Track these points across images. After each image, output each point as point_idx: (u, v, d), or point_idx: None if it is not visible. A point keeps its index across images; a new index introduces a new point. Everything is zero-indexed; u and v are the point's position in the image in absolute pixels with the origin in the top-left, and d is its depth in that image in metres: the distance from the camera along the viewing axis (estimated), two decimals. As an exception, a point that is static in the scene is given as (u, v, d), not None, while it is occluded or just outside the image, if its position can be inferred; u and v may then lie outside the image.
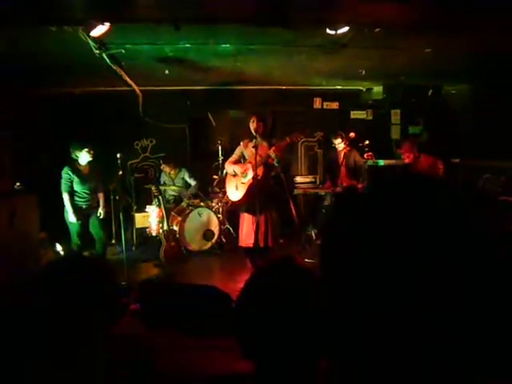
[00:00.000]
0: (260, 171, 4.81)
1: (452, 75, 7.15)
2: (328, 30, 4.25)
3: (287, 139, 4.82)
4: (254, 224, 4.74)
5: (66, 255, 5.60)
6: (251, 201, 4.80)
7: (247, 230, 4.92)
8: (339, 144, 7.09)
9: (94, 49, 4.76)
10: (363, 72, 6.65)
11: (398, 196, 0.57)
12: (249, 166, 4.92)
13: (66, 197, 5.59)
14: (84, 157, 5.64)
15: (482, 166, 7.13)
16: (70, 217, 5.57)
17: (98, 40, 4.54)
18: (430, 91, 8.08)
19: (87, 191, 5.76)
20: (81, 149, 5.61)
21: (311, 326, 1.00)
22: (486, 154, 6.80)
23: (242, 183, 5.01)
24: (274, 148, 4.73)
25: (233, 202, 5.59)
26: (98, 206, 5.95)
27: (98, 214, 5.92)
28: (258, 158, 4.72)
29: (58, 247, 6.48)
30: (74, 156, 5.65)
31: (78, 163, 5.68)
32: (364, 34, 4.44)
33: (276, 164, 4.80)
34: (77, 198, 5.69)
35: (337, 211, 0.63)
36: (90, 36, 4.22)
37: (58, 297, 1.31)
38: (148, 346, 3.39)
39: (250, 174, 4.88)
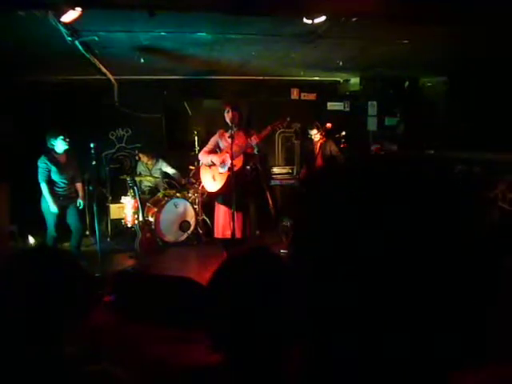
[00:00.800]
0: (238, 161, 4.76)
1: (428, 67, 7.22)
2: (305, 20, 4.22)
3: (269, 128, 4.79)
4: (232, 214, 4.70)
5: (31, 247, 5.48)
6: (229, 191, 4.76)
7: (224, 222, 4.88)
8: (315, 135, 7.11)
9: (65, 36, 4.63)
10: (340, 63, 6.65)
11: (370, 172, 0.55)
12: (227, 155, 4.87)
13: (44, 186, 5.45)
14: (60, 145, 5.51)
15: (457, 158, 7.23)
16: (51, 207, 5.44)
17: (69, 26, 4.42)
18: (407, 83, 8.16)
19: (65, 181, 5.63)
20: (56, 137, 5.47)
21: (283, 314, 0.98)
22: (460, 146, 6.90)
23: (220, 173, 4.96)
24: (254, 136, 4.69)
25: (209, 193, 5.53)
26: (77, 196, 5.83)
27: (78, 204, 5.81)
28: (236, 147, 4.67)
29: (31, 239, 6.35)
30: (49, 145, 5.51)
31: (55, 152, 5.55)
32: (341, 24, 4.43)
33: (256, 152, 4.77)
34: (55, 188, 5.56)
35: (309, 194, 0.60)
36: (60, 22, 4.10)
37: (25, 290, 1.27)
38: (121, 337, 3.34)
39: (229, 164, 4.83)
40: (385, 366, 0.51)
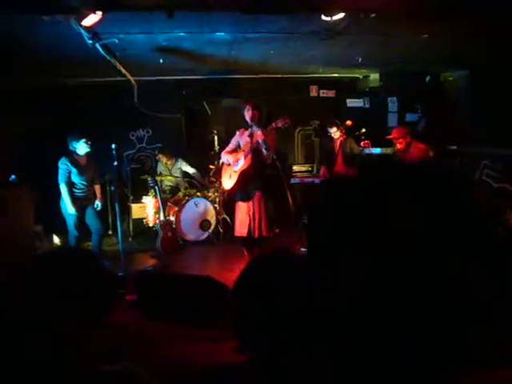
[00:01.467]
0: (250, 159, 4.76)
1: (450, 62, 7.10)
2: (323, 17, 4.19)
3: (273, 124, 4.77)
4: (249, 213, 4.71)
5: (55, 248, 5.59)
6: (243, 188, 4.77)
7: (241, 219, 4.90)
8: (335, 133, 7.07)
9: (86, 39, 4.70)
10: (360, 59, 6.59)
11: (380, 175, 0.56)
12: (241, 154, 4.88)
13: (63, 188, 5.56)
14: (82, 148, 5.61)
15: (481, 153, 7.11)
16: (69, 208, 5.54)
17: (90, 30, 4.49)
18: (428, 78, 8.04)
19: (85, 182, 5.73)
20: (78, 139, 5.57)
21: (306, 316, 0.98)
22: (484, 141, 6.78)
23: (235, 171, 4.98)
24: (260, 134, 4.67)
25: (226, 191, 5.56)
26: (95, 197, 5.93)
27: (96, 206, 5.90)
28: (250, 145, 4.68)
29: (56, 239, 6.46)
30: (71, 147, 5.61)
31: (76, 154, 5.65)
32: (360, 20, 4.39)
33: (264, 151, 4.75)
34: (74, 190, 5.66)
35: (325, 195, 0.61)
36: (81, 25, 4.16)
37: (50, 289, 1.29)
38: (143, 336, 3.38)
39: (242, 162, 4.84)
40: (390, 366, 0.51)
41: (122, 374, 1.24)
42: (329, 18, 4.21)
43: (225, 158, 5.10)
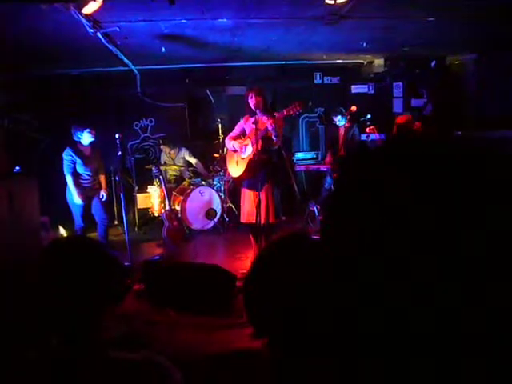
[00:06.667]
0: (259, 146, 4.73)
1: (457, 45, 7.00)
2: (327, 0, 4.13)
3: (284, 112, 4.72)
4: (256, 200, 4.68)
5: (68, 236, 5.59)
6: (252, 176, 4.74)
7: (249, 207, 4.87)
8: (340, 121, 7.02)
9: (87, 28, 4.66)
10: (364, 44, 6.51)
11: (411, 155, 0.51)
12: (248, 141, 4.84)
13: (69, 179, 5.54)
14: (86, 138, 5.58)
15: (486, 138, 7.04)
16: (75, 198, 5.53)
17: (91, 18, 4.45)
18: (433, 62, 7.95)
19: (89, 173, 5.71)
20: (82, 130, 5.54)
21: (325, 300, 0.96)
22: (489, 125, 6.71)
23: (242, 158, 4.94)
24: (271, 121, 4.63)
25: (234, 178, 5.53)
26: (100, 187, 5.92)
27: (101, 196, 5.89)
28: (258, 132, 4.63)
29: (61, 230, 6.47)
30: (75, 137, 5.58)
31: (81, 144, 5.62)
32: (364, 3, 4.32)
33: (274, 138, 4.71)
34: (79, 180, 5.65)
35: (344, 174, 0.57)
36: (82, 14, 4.12)
37: (61, 277, 1.28)
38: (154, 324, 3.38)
39: (250, 149, 4.80)
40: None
41: (143, 362, 1.23)
42: (332, 1, 4.15)
43: (230, 143, 5.05)
